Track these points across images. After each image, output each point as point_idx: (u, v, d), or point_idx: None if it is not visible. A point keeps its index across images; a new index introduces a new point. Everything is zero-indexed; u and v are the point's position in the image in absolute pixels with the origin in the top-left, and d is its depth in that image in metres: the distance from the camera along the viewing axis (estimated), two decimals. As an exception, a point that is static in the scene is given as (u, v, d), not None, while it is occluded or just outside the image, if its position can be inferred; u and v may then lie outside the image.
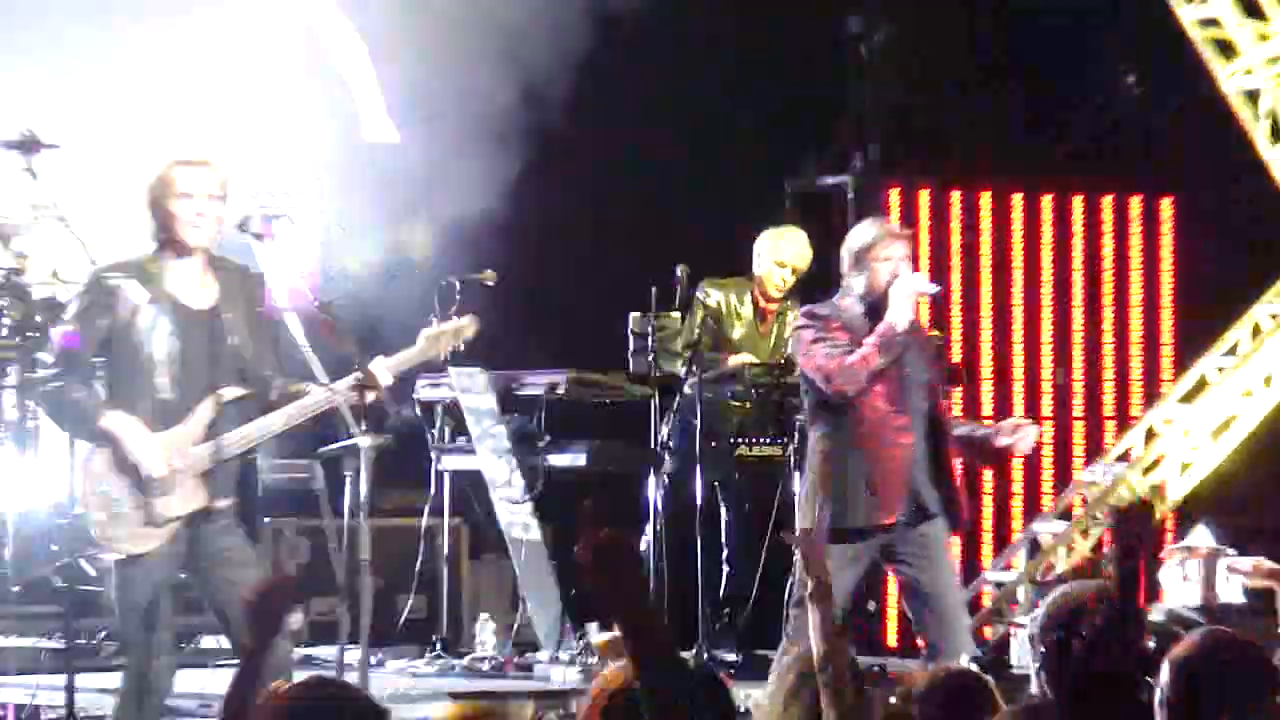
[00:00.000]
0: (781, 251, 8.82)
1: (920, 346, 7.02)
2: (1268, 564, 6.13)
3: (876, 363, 6.81)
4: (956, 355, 10.13)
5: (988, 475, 10.42)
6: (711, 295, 8.78)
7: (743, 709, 5.19)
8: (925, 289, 7.17)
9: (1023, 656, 7.86)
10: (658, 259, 8.70)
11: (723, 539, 8.60)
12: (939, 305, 9.84)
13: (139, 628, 6.10)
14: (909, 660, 7.87)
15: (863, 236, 7.06)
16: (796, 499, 7.28)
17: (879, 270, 6.87)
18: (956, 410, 8.61)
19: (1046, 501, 10.59)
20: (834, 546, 6.29)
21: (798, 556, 4.90)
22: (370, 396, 6.08)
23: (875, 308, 6.83)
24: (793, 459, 7.91)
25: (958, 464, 7.19)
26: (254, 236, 5.99)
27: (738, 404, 8.53)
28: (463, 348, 6.57)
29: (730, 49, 10.51)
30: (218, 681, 6.07)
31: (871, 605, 9.39)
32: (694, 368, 8.25)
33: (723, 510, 8.59)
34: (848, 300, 6.98)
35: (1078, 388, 10.97)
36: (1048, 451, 10.62)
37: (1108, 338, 11.10)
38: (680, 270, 8.40)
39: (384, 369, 6.27)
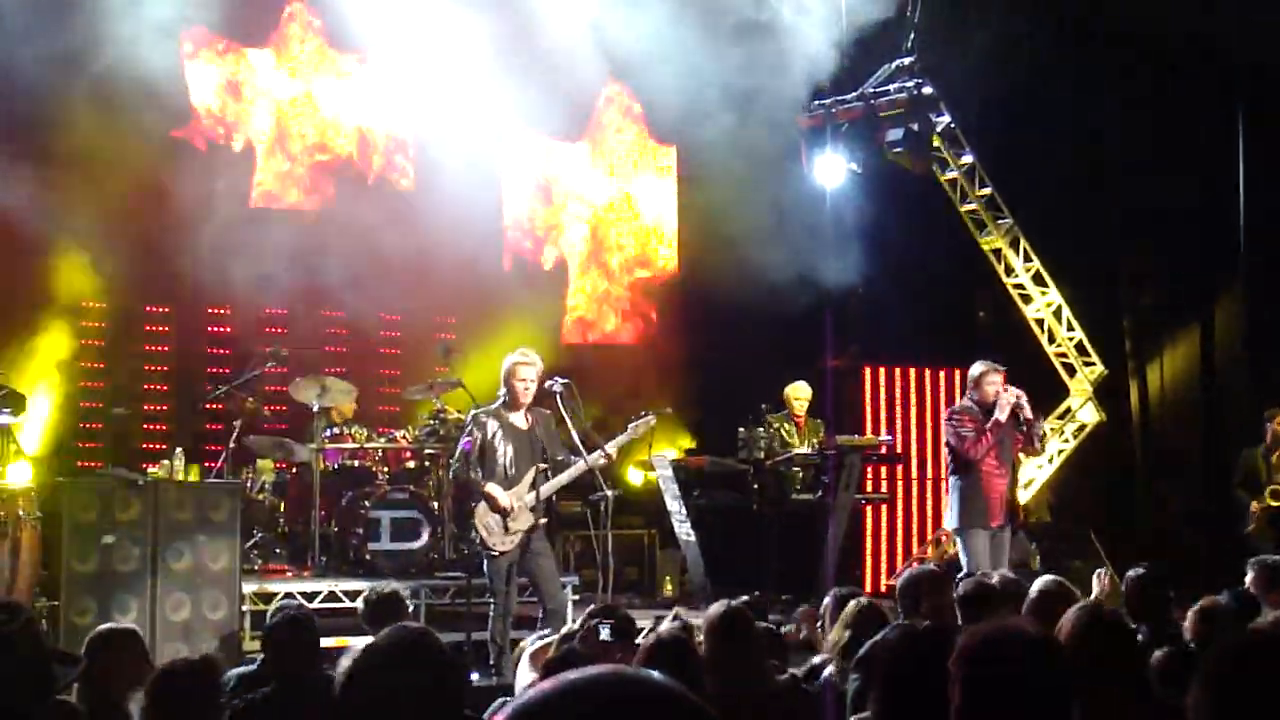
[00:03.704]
0: (797, 393, 13.70)
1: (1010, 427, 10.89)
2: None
3: (991, 442, 10.84)
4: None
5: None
6: (775, 421, 13.56)
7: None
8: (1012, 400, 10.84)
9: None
10: (755, 400, 13.82)
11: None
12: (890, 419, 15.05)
13: (502, 584, 9.71)
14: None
15: (976, 369, 11.13)
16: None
17: (986, 389, 11.03)
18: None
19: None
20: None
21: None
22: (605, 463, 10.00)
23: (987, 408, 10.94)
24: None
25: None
26: (555, 393, 9.85)
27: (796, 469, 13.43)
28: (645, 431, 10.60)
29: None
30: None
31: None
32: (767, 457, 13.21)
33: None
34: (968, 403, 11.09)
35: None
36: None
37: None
38: (763, 407, 13.47)
39: (613, 448, 9.98)
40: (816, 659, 6.65)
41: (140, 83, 13.04)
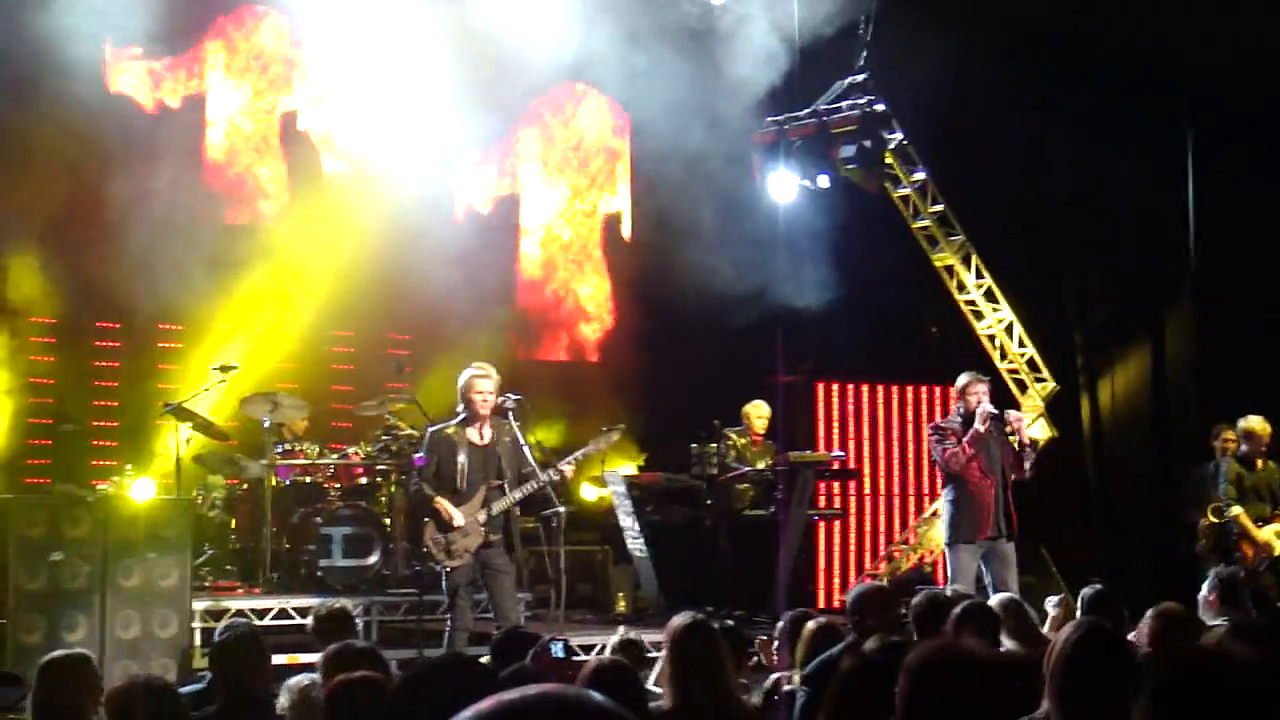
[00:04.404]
0: (758, 411, 13.62)
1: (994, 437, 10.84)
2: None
3: (970, 452, 10.81)
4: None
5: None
6: (733, 436, 13.44)
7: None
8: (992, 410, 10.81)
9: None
10: (706, 416, 13.68)
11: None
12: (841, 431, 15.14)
13: (457, 599, 9.72)
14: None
15: (961, 381, 11.10)
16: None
17: (970, 400, 10.94)
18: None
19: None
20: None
21: None
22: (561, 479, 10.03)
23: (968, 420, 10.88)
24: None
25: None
26: (509, 409, 9.91)
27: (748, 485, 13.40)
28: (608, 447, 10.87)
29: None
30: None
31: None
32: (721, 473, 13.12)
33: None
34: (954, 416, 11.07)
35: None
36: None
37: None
38: (715, 423, 13.37)
39: (568, 465, 10.13)
40: (772, 678, 6.66)
41: (81, 89, 13.09)
